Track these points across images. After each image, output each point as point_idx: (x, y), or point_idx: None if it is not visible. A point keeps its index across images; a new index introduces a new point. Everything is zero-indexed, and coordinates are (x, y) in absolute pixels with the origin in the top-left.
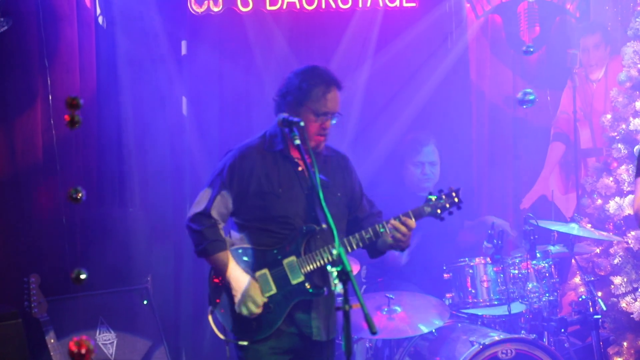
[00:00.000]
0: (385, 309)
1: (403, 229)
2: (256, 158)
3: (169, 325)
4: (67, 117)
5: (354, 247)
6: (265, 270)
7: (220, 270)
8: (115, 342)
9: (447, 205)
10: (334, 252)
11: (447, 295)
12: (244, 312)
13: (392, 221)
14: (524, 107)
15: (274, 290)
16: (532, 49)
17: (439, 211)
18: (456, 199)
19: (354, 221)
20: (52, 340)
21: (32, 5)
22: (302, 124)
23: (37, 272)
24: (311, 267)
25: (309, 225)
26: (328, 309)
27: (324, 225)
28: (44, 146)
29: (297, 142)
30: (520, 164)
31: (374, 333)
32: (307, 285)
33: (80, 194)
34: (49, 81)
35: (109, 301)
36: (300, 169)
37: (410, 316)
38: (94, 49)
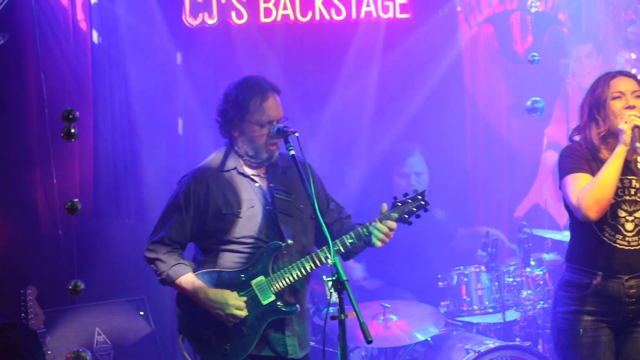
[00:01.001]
0: (381, 318)
1: (385, 229)
2: (210, 180)
3: (165, 336)
4: (63, 130)
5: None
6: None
7: (190, 294)
8: (112, 353)
9: (414, 209)
10: (330, 261)
11: (442, 303)
12: (232, 320)
13: (376, 228)
14: (534, 115)
15: (245, 313)
16: (537, 58)
17: (406, 216)
18: (422, 202)
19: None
20: (49, 352)
21: (28, 20)
22: (297, 134)
23: (34, 284)
24: (281, 285)
25: (275, 242)
26: (301, 326)
27: (290, 241)
28: (40, 159)
29: (292, 152)
30: (515, 172)
31: (369, 342)
32: (279, 304)
33: (76, 206)
34: (45, 94)
35: (105, 312)
36: (257, 185)
37: (406, 324)
38: (90, 62)
